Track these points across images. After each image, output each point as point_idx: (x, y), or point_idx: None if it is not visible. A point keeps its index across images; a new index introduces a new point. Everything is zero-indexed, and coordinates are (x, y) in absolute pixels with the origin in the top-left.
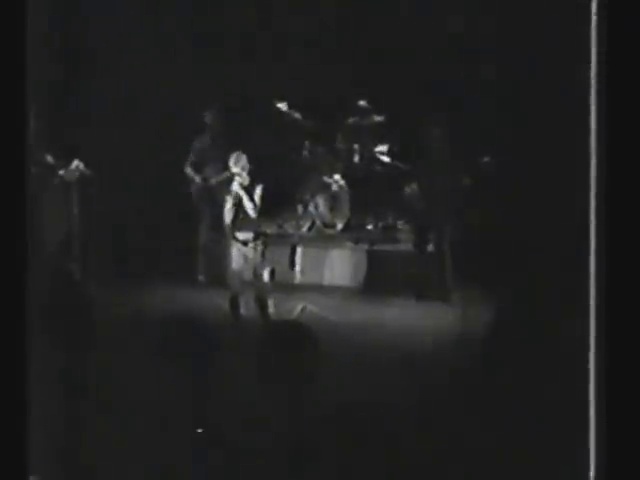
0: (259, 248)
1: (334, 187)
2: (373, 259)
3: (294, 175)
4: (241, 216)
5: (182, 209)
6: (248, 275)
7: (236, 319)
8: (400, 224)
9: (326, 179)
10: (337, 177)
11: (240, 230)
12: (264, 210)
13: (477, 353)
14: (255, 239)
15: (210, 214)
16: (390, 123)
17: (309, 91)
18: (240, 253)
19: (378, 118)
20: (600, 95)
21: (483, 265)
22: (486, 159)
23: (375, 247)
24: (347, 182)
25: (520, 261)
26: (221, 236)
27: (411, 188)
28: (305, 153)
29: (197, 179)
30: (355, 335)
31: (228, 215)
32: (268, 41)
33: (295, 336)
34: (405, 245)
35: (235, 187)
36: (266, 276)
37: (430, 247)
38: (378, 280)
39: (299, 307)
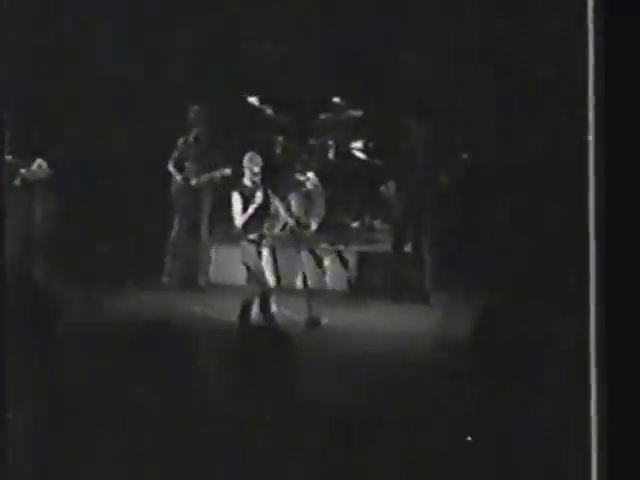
0: (269, 248)
1: (308, 185)
2: (349, 260)
3: (266, 173)
4: (256, 217)
5: (152, 209)
6: (267, 277)
7: (247, 325)
8: (377, 223)
9: (299, 177)
10: (311, 175)
11: (251, 232)
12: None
13: (457, 355)
14: (262, 238)
15: (188, 215)
16: (366, 118)
17: (282, 85)
18: (254, 254)
19: (354, 113)
20: (596, 91)
21: (463, 266)
22: (466, 156)
23: (351, 247)
24: (321, 180)
25: (501, 261)
26: (196, 238)
27: (388, 186)
28: (278, 150)
29: (178, 178)
30: (330, 338)
31: (240, 216)
32: (241, 33)
33: (267, 341)
34: (382, 245)
35: (251, 186)
36: (271, 280)
37: (408, 247)
38: (354, 282)
39: (273, 310)
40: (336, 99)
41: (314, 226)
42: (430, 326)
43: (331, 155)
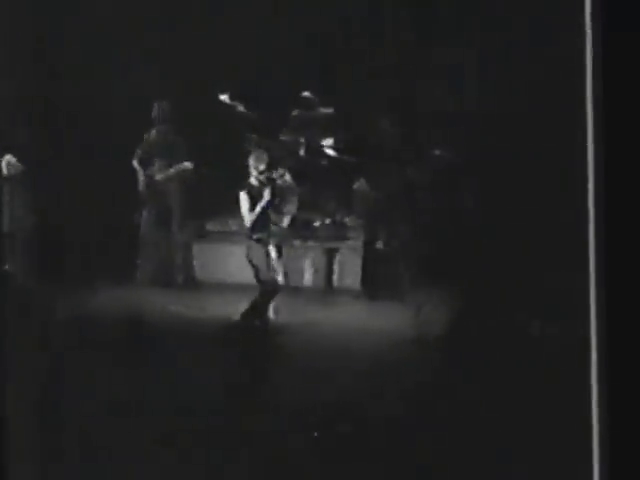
0: (276, 247)
1: (280, 182)
2: (321, 257)
3: (238, 169)
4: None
5: (125, 205)
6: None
7: (262, 323)
8: (349, 220)
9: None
10: (282, 171)
11: (258, 231)
12: (209, 207)
13: (432, 354)
14: (269, 237)
15: (156, 211)
16: (338, 115)
17: (253, 82)
18: (261, 254)
19: (325, 110)
20: (594, 91)
21: (438, 263)
22: (438, 152)
23: (324, 244)
24: (293, 177)
25: (476, 259)
26: (167, 234)
27: (359, 183)
28: (250, 147)
29: (142, 175)
30: (305, 336)
31: (249, 215)
32: (209, 28)
33: (240, 337)
34: (355, 242)
35: (257, 185)
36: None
37: (380, 244)
38: (327, 279)
39: (244, 307)
40: (306, 93)
41: (286, 222)
42: (404, 324)
43: (302, 152)
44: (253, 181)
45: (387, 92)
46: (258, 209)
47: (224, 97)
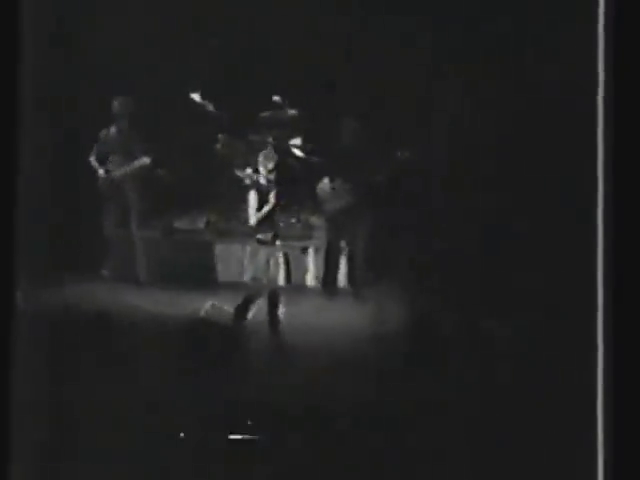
0: (281, 248)
1: (247, 181)
2: (284, 255)
3: (206, 169)
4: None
5: (89, 202)
6: (273, 277)
7: (243, 323)
8: (313, 220)
9: (239, 173)
10: (249, 171)
11: (263, 231)
12: (178, 205)
13: (388, 351)
14: (274, 238)
15: (114, 207)
16: (305, 116)
17: (223, 81)
18: (265, 253)
19: (293, 111)
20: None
21: (397, 262)
22: (402, 154)
23: (288, 243)
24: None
25: (433, 258)
26: (126, 231)
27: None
28: (219, 146)
29: (100, 171)
30: (264, 332)
31: (255, 215)
32: (181, 27)
33: (202, 334)
34: (318, 241)
35: (264, 184)
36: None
37: (343, 243)
38: (289, 276)
39: (208, 304)
40: (276, 98)
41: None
42: (362, 321)
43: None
44: (262, 180)
45: (353, 94)
46: (265, 209)
47: (195, 95)
